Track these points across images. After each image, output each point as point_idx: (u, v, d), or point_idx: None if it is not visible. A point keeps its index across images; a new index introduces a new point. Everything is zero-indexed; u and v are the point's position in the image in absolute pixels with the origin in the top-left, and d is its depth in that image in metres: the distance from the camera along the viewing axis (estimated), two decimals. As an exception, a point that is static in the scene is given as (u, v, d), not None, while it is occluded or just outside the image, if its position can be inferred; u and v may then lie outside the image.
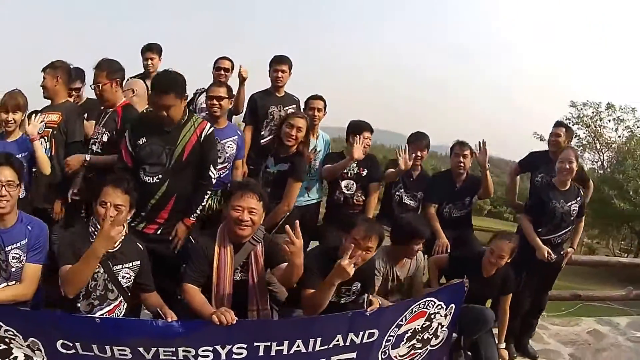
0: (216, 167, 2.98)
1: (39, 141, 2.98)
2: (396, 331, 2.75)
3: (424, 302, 2.87)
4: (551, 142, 4.12)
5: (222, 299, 2.44)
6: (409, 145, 3.74)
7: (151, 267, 2.55)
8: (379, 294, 2.96)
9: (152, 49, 4.41)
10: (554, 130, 4.12)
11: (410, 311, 2.80)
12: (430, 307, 2.92)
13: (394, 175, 3.62)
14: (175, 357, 2.15)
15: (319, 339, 2.35)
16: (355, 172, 3.60)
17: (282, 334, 2.29)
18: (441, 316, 3.03)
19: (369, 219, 2.86)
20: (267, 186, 3.11)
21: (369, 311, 2.45)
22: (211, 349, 2.18)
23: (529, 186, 4.30)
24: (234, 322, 2.11)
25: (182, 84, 2.72)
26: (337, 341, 2.41)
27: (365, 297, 2.69)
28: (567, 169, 3.48)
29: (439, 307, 2.99)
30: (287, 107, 4.00)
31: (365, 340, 2.51)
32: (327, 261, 2.52)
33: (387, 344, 2.72)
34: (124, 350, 2.10)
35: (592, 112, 22.98)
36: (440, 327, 3.06)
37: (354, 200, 3.61)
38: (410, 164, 3.49)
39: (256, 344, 2.23)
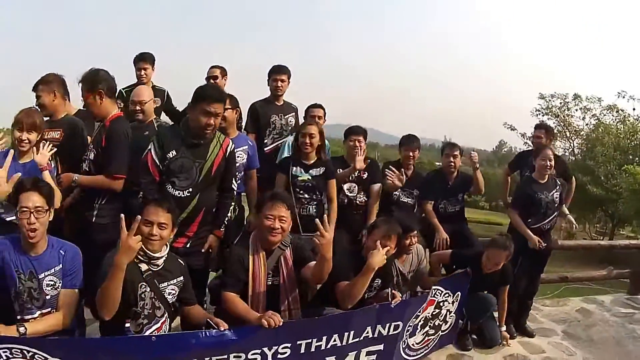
0: (237, 180, 3.15)
1: (48, 172, 2.72)
2: (414, 321, 3.01)
3: (432, 291, 3.14)
4: (534, 143, 4.55)
5: (257, 303, 2.58)
6: (401, 147, 4.04)
7: None
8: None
9: (145, 59, 4.28)
10: (536, 132, 4.55)
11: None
12: (438, 295, 3.19)
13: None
14: None
15: (352, 332, 2.54)
16: (356, 175, 3.75)
17: (321, 330, 2.44)
18: (449, 303, 3.31)
19: (389, 220, 3.02)
20: (303, 192, 3.38)
21: (393, 303, 2.70)
22: (259, 351, 2.28)
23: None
24: (281, 324, 2.25)
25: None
26: (367, 333, 2.62)
27: (388, 290, 2.95)
28: (548, 166, 3.89)
29: (446, 294, 3.26)
30: (287, 115, 4.15)
31: (391, 332, 2.74)
32: (351, 258, 2.80)
33: (406, 334, 2.98)
34: None
35: (560, 103, 23.90)
36: (448, 313, 3.35)
37: (357, 202, 3.75)
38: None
39: (299, 343, 2.37)
